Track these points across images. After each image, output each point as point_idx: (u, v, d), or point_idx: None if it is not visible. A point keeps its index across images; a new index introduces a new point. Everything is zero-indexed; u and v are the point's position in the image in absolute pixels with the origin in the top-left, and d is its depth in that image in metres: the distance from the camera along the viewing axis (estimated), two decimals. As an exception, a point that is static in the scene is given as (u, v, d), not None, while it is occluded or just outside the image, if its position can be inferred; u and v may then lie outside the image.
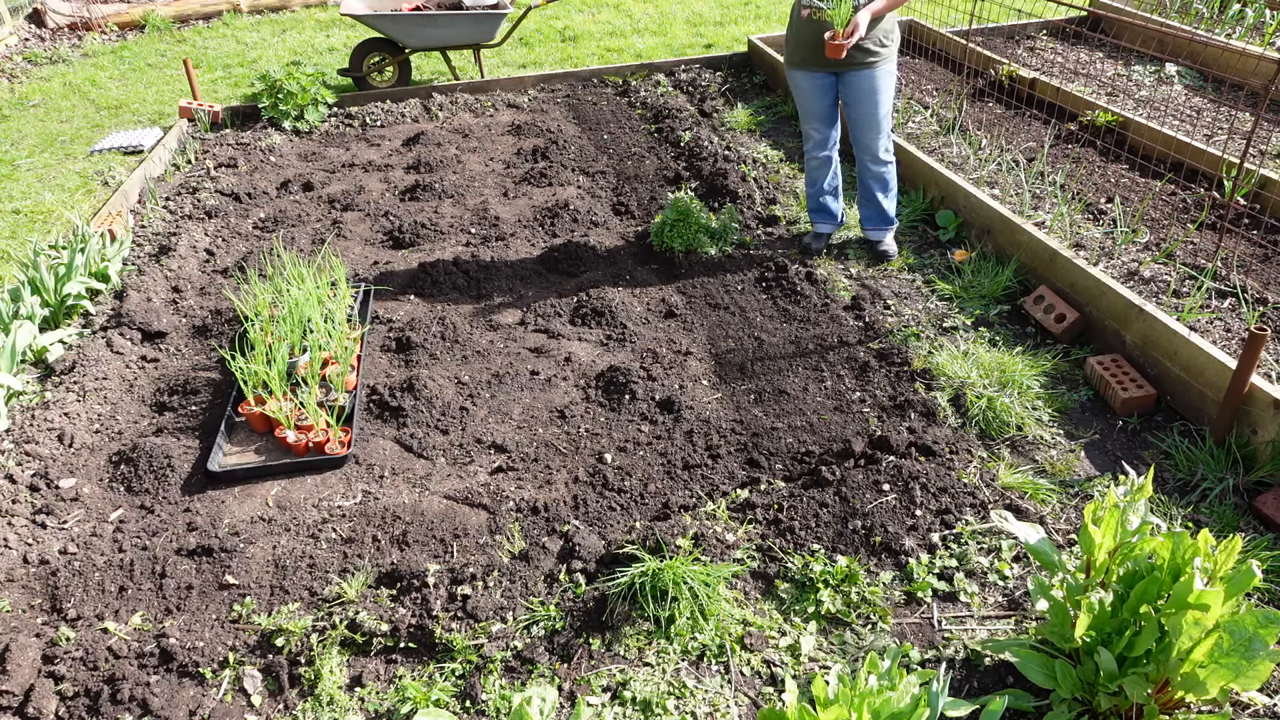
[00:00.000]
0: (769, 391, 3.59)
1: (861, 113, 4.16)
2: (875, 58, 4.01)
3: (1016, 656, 2.28)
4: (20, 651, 2.49)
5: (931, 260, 4.51)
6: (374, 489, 3.19)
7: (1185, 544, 2.10)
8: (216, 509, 3.12)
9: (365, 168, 5.93)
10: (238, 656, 2.57)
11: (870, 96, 4.10)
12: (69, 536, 3.02)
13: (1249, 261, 4.19)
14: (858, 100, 4.13)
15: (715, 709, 2.38)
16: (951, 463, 3.12)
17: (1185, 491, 3.02)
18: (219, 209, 5.34)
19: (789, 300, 4.21)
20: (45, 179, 5.91)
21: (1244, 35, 7.29)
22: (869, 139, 4.23)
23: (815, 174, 4.51)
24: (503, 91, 7.18)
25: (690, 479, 3.17)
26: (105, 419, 3.58)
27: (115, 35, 9.35)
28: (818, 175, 4.51)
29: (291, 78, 6.57)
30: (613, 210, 5.25)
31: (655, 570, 2.62)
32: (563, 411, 3.54)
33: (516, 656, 2.52)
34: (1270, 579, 2.64)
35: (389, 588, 2.77)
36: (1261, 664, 1.90)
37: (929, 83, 6.78)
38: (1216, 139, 5.38)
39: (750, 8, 9.52)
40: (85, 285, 4.31)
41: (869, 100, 4.11)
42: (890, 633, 2.58)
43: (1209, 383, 3.19)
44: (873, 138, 4.22)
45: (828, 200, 4.58)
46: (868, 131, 4.21)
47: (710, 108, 6.68)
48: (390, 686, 2.48)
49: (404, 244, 4.92)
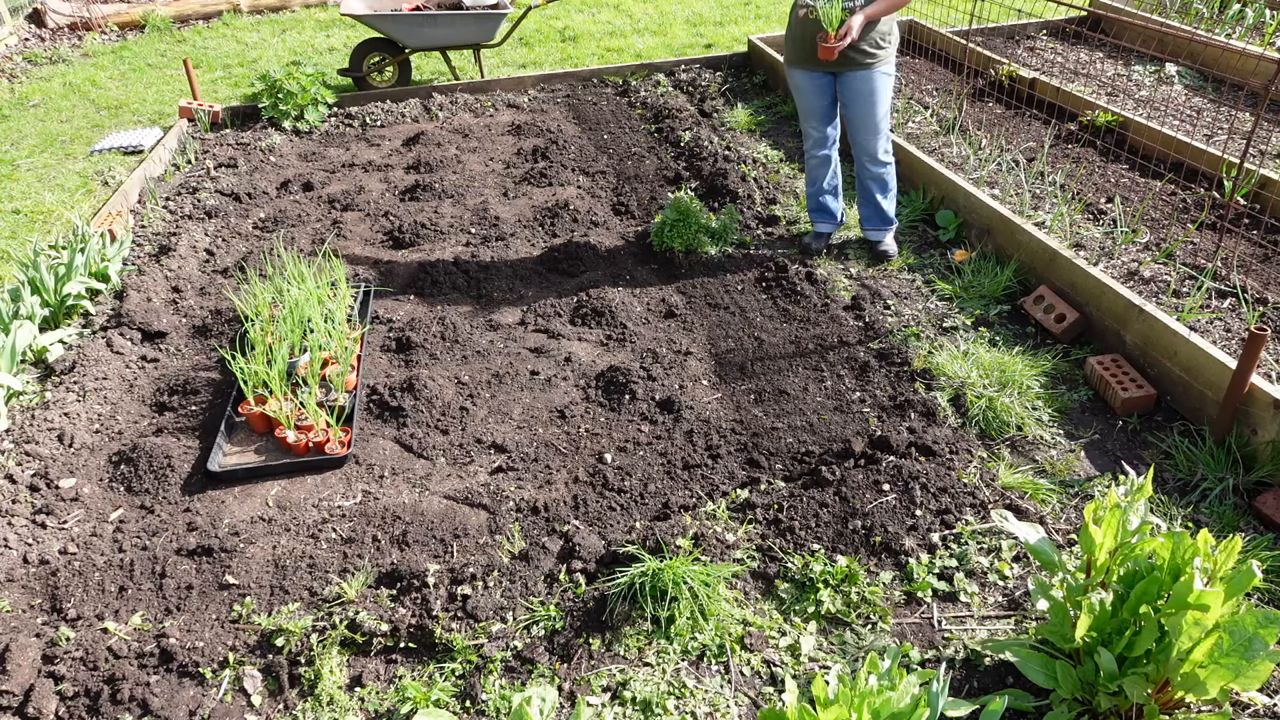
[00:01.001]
0: (769, 391, 3.59)
1: (859, 113, 4.15)
2: (872, 59, 4.00)
3: (1016, 656, 2.28)
4: (20, 651, 2.49)
5: (931, 260, 4.51)
6: (374, 489, 3.19)
7: (1185, 544, 2.10)
8: (216, 509, 3.12)
9: (365, 168, 5.93)
10: (238, 656, 2.57)
11: (867, 98, 4.09)
12: (69, 536, 3.02)
13: (1249, 261, 4.19)
14: (855, 101, 4.12)
15: (715, 709, 2.38)
16: (951, 463, 3.12)
17: (1185, 491, 3.02)
18: (219, 209, 5.33)
19: (789, 300, 4.21)
20: (45, 179, 5.91)
21: (1244, 35, 7.29)
22: (867, 140, 4.22)
23: (814, 173, 4.51)
24: (503, 91, 7.18)
25: (690, 479, 3.17)
26: (105, 419, 3.58)
27: (115, 35, 9.35)
28: (817, 174, 4.51)
29: (291, 78, 6.57)
30: (613, 210, 5.25)
31: (655, 570, 2.62)
32: (563, 411, 3.54)
33: (516, 656, 2.52)
34: (1270, 579, 2.64)
35: (389, 588, 2.77)
36: (1261, 664, 1.90)
37: (929, 83, 6.78)
38: (1216, 139, 5.38)
39: (750, 8, 9.52)
40: (85, 285, 4.31)
41: (866, 101, 4.10)
42: (890, 633, 2.58)
43: (1209, 383, 3.19)
44: (870, 139, 4.21)
45: (827, 200, 4.57)
46: (865, 132, 4.20)
47: (710, 108, 6.68)
48: (390, 686, 2.48)
49: (404, 244, 4.92)
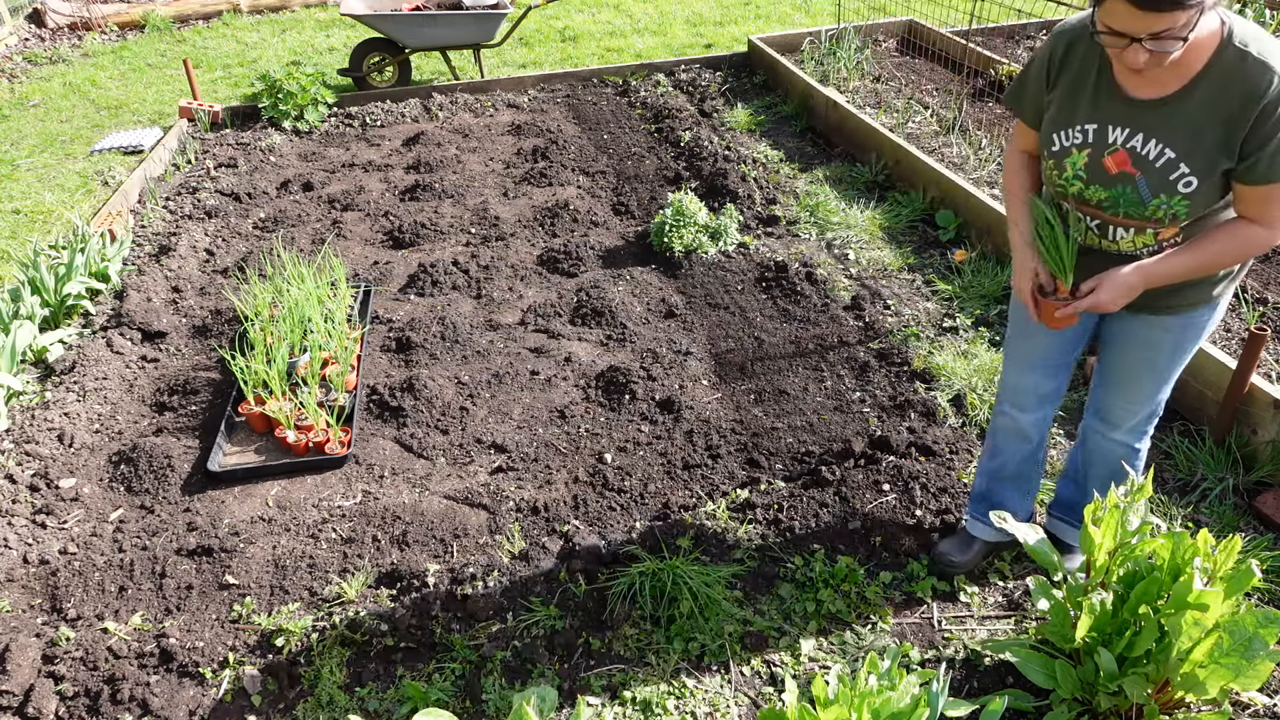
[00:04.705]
0: (769, 391, 3.59)
1: (1130, 363, 2.35)
2: (1184, 305, 2.21)
3: (1016, 656, 2.28)
4: (20, 651, 2.49)
5: (931, 260, 4.51)
6: (374, 489, 3.19)
7: (1185, 544, 2.10)
8: (216, 509, 3.12)
9: (365, 168, 5.92)
10: (238, 656, 2.57)
11: (1153, 347, 2.29)
12: (69, 536, 3.02)
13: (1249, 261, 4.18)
14: (1128, 346, 2.32)
15: (715, 709, 2.38)
16: (951, 463, 3.12)
17: (1185, 491, 3.02)
18: (219, 209, 5.33)
19: (789, 300, 4.21)
20: (45, 179, 5.91)
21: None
22: (1131, 403, 2.41)
23: (1001, 441, 2.65)
24: (503, 91, 7.17)
25: (690, 479, 3.17)
26: (105, 419, 3.58)
27: (115, 35, 9.35)
28: (1004, 445, 2.65)
29: (291, 78, 6.57)
30: (613, 210, 5.25)
31: (655, 570, 2.62)
32: (563, 411, 3.54)
33: (516, 656, 2.52)
34: (1270, 579, 2.64)
35: (389, 588, 2.77)
36: (1261, 664, 1.90)
37: (929, 83, 6.78)
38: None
39: (750, 8, 9.51)
40: (85, 285, 4.30)
41: (1149, 351, 2.30)
42: (890, 633, 2.58)
43: (1209, 383, 3.19)
44: (1137, 403, 2.41)
45: (1006, 490, 2.70)
46: (1131, 392, 2.39)
47: (710, 108, 6.68)
48: (390, 686, 2.48)
49: (404, 244, 4.92)
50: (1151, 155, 1.97)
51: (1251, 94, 1.84)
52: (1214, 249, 2.01)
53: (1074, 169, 2.08)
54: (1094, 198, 2.08)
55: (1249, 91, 1.84)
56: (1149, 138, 1.97)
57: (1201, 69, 1.89)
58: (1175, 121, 1.93)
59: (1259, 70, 1.83)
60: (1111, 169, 2.02)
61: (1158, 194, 1.99)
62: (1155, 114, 1.95)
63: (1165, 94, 1.94)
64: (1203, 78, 1.89)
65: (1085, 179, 2.07)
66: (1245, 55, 1.85)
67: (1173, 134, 1.94)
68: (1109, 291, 2.05)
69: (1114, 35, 1.80)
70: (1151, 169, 1.98)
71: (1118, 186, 2.03)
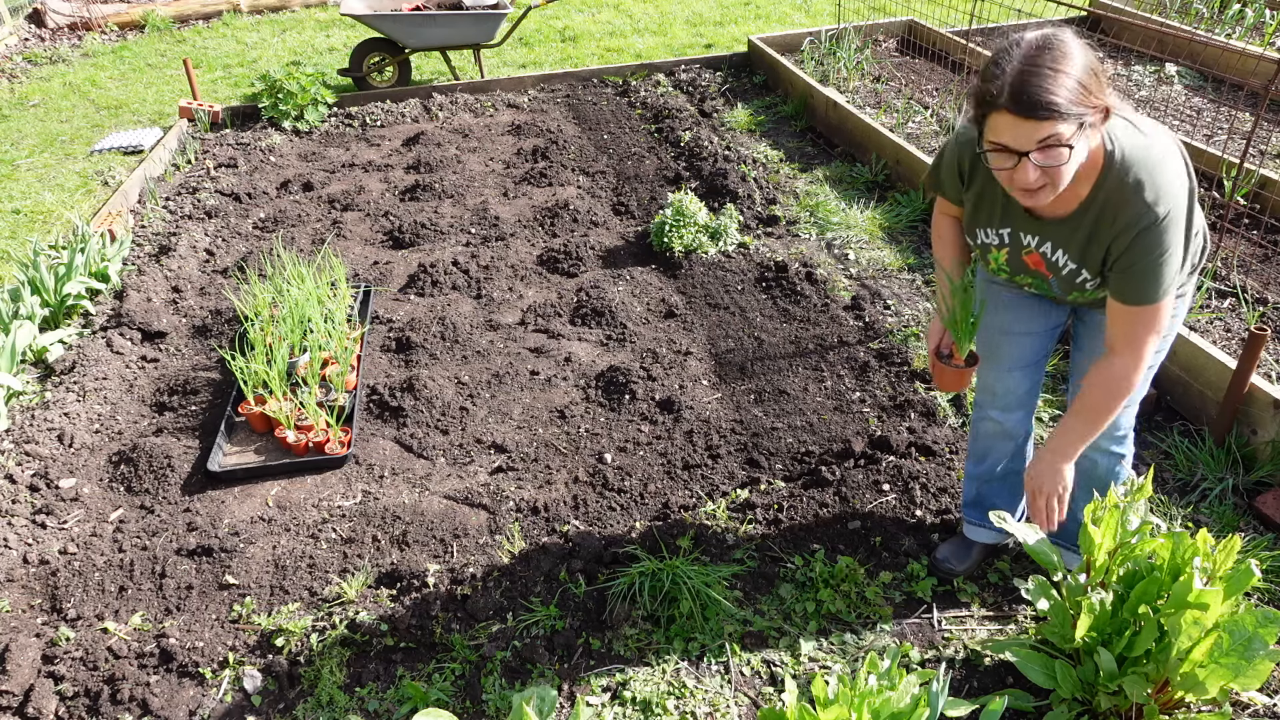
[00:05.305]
0: (769, 391, 3.59)
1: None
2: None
3: (1016, 656, 2.28)
4: (20, 651, 2.49)
5: (931, 260, 4.51)
6: (374, 489, 3.19)
7: (1185, 544, 2.10)
8: (216, 509, 3.12)
9: (365, 168, 5.92)
10: (238, 656, 2.57)
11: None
12: (69, 536, 3.02)
13: (1249, 261, 4.19)
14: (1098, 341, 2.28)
15: (715, 709, 2.38)
16: (951, 463, 3.12)
17: (1185, 491, 3.02)
18: (219, 209, 5.33)
19: (789, 300, 4.21)
20: (45, 179, 5.91)
21: (1244, 35, 7.29)
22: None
23: (986, 444, 2.65)
24: (503, 91, 7.17)
25: (690, 479, 3.17)
26: (105, 419, 3.58)
27: (115, 35, 9.35)
28: (989, 448, 2.65)
29: (291, 78, 6.57)
30: (613, 210, 5.25)
31: (655, 570, 2.62)
32: (563, 411, 3.54)
33: (516, 656, 2.52)
34: (1270, 579, 2.64)
35: (389, 588, 2.77)
36: (1261, 664, 1.90)
37: (929, 83, 6.78)
38: (1216, 139, 5.38)
39: (750, 8, 9.51)
40: (85, 285, 4.31)
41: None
42: (890, 633, 2.58)
43: (1209, 383, 3.19)
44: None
45: (997, 492, 2.68)
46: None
47: (710, 108, 6.68)
48: (390, 686, 2.48)
49: (404, 244, 4.92)
50: (1060, 262, 2.09)
51: (1131, 222, 1.90)
52: (1090, 403, 2.08)
53: (997, 262, 2.23)
54: (1023, 282, 2.25)
55: (1130, 219, 1.90)
56: (1056, 246, 2.08)
57: (1090, 191, 1.95)
58: (1075, 236, 2.03)
59: (1138, 200, 1.88)
60: (1029, 265, 2.17)
61: (1069, 292, 2.16)
62: (1057, 228, 2.05)
63: (1061, 214, 2.02)
64: (1093, 200, 1.96)
65: (1009, 270, 2.23)
66: (1125, 181, 1.90)
67: (1070, 246, 2.05)
68: (1037, 480, 2.17)
69: (1003, 152, 1.80)
70: (1059, 272, 2.12)
71: (1039, 278, 2.19)
